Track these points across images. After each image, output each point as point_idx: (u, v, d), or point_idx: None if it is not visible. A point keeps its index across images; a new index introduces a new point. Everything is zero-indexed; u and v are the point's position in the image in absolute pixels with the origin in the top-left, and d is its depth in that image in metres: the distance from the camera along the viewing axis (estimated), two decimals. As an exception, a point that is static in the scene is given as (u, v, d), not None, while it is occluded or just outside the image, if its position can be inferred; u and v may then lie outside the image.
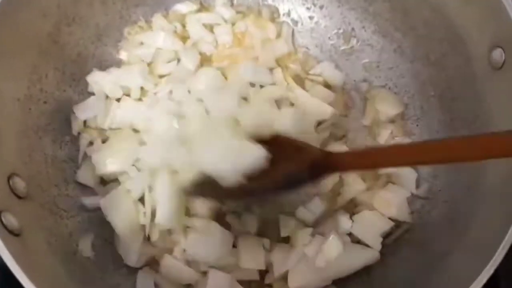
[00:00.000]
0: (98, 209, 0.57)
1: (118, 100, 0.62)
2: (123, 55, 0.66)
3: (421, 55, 0.64)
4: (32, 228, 0.46)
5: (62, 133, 0.60)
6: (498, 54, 0.51)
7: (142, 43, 0.66)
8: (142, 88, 0.63)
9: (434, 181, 0.62)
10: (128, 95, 0.63)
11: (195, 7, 0.68)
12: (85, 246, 0.55)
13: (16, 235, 0.43)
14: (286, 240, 0.60)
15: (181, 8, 0.68)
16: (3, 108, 0.49)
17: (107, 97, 0.62)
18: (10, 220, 0.43)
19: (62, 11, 0.57)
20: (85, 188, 0.59)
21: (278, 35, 0.69)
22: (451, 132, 0.61)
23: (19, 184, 0.48)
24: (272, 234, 0.60)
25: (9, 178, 0.47)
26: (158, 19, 0.67)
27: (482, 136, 0.46)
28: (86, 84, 0.63)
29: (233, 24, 0.69)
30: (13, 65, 0.51)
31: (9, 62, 0.50)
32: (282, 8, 0.72)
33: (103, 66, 0.65)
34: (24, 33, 0.52)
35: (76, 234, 0.55)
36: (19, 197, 0.47)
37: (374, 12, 0.67)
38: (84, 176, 0.59)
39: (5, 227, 0.41)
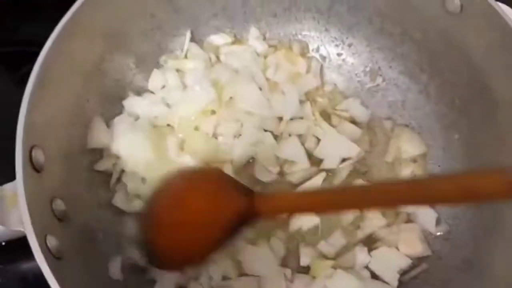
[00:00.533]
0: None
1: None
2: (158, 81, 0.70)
3: (447, 98, 0.66)
4: (70, 251, 0.48)
5: (97, 156, 0.63)
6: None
7: (177, 70, 0.69)
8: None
9: (454, 221, 0.63)
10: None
11: (229, 39, 0.71)
12: (115, 269, 0.56)
13: (58, 258, 0.45)
14: (306, 270, 0.62)
15: (216, 39, 0.72)
16: (51, 133, 0.52)
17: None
18: (54, 243, 0.45)
19: (107, 41, 0.60)
20: (118, 211, 0.62)
21: (308, 70, 0.72)
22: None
23: (60, 207, 0.50)
24: (292, 264, 0.62)
25: (51, 201, 0.49)
26: (193, 48, 0.70)
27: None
28: (122, 108, 0.66)
29: (265, 57, 0.72)
30: (60, 92, 0.54)
31: (57, 89, 0.53)
32: (312, 44, 0.74)
33: (139, 92, 0.68)
34: (73, 62, 0.55)
35: (107, 257, 0.58)
36: (60, 220, 0.50)
37: (402, 54, 0.69)
38: (119, 200, 0.61)
39: (49, 251, 0.43)
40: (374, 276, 0.61)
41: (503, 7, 0.54)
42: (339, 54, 0.74)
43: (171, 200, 0.44)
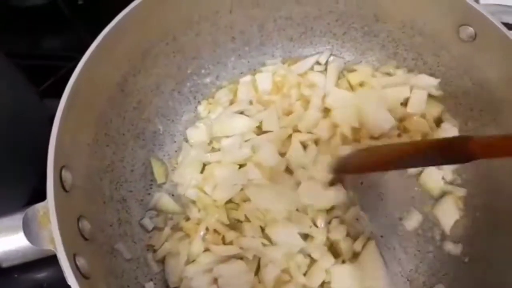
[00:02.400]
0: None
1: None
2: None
3: (460, 120, 0.67)
4: (96, 270, 0.49)
5: (117, 174, 0.64)
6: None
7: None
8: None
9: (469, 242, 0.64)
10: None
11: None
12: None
13: (87, 278, 0.45)
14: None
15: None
16: (77, 153, 0.53)
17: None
18: (82, 263, 0.46)
19: (131, 64, 0.62)
20: (137, 228, 0.63)
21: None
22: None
23: (86, 226, 0.51)
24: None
25: (78, 220, 0.50)
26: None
27: None
28: (143, 129, 0.68)
29: (273, 73, 0.74)
30: (85, 113, 0.55)
31: (84, 110, 0.54)
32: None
33: (159, 114, 0.70)
34: (98, 84, 0.57)
35: (127, 274, 0.58)
36: (85, 239, 0.51)
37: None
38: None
39: (79, 270, 0.44)
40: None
41: None
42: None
43: None
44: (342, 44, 0.74)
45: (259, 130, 0.70)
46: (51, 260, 0.46)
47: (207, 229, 0.63)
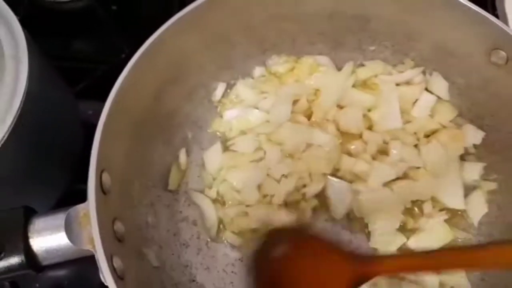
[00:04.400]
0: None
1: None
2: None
3: (487, 141, 0.68)
4: (127, 272, 0.50)
5: (147, 178, 0.65)
6: None
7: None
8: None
9: None
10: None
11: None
12: None
13: (122, 279, 0.47)
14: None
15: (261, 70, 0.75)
16: (115, 158, 0.55)
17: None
18: (118, 264, 0.47)
19: (169, 73, 0.64)
20: (164, 233, 0.64)
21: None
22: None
23: (120, 228, 0.53)
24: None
25: (113, 222, 0.52)
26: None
27: None
28: (172, 135, 0.69)
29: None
30: (125, 119, 0.57)
31: (123, 116, 0.56)
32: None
33: (189, 121, 0.71)
34: (139, 91, 0.58)
35: (153, 277, 0.60)
36: (119, 241, 0.52)
37: (443, 97, 0.72)
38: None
39: (116, 272, 0.45)
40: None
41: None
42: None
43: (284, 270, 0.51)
44: (371, 60, 0.75)
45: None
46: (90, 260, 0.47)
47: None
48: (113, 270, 0.45)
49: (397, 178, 0.66)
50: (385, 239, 0.63)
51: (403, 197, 0.65)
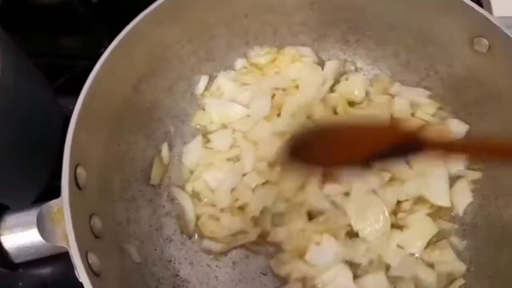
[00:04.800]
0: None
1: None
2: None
3: (472, 131, 0.67)
4: (105, 268, 0.49)
5: (128, 173, 0.64)
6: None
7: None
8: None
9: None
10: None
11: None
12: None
13: (98, 276, 0.46)
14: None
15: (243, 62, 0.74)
16: (91, 151, 0.53)
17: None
18: (94, 260, 0.46)
19: (147, 65, 0.62)
20: (146, 228, 0.63)
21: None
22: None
23: (97, 223, 0.51)
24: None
25: (90, 218, 0.51)
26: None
27: None
28: (154, 129, 0.68)
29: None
30: (101, 112, 0.56)
31: (99, 109, 0.55)
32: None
33: (171, 114, 0.70)
34: (115, 84, 0.57)
35: (134, 273, 0.59)
36: (96, 237, 0.51)
37: (426, 87, 0.71)
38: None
39: (91, 268, 0.44)
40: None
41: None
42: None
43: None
44: (354, 51, 0.75)
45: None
46: (56, 256, 0.46)
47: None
48: (88, 266, 0.44)
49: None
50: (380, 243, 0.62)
51: (389, 200, 0.64)
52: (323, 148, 0.50)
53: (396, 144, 0.47)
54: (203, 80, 0.72)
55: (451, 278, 0.62)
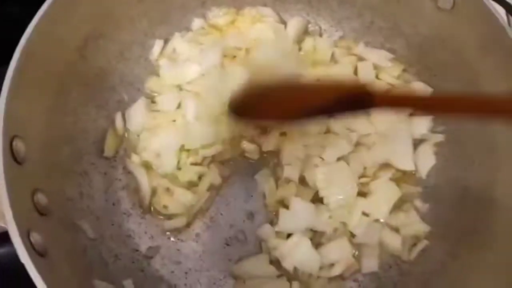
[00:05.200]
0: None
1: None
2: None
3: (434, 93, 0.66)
4: (53, 247, 0.46)
5: (78, 146, 0.60)
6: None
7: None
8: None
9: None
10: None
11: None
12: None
13: (42, 255, 0.42)
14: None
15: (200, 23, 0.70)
16: (32, 123, 0.49)
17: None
18: (37, 239, 0.42)
19: (92, 26, 0.57)
20: (101, 203, 0.60)
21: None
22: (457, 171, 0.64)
23: (42, 200, 0.48)
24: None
25: (33, 194, 0.47)
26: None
27: None
28: (106, 99, 0.64)
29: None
30: (41, 78, 0.51)
31: (38, 75, 0.50)
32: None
33: (124, 81, 0.65)
34: (55, 46, 0.52)
35: (90, 249, 0.56)
36: (42, 214, 0.47)
37: (391, 49, 0.69)
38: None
39: (33, 247, 0.41)
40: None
41: (495, 5, 0.55)
42: (327, 47, 0.73)
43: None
44: (317, 12, 0.71)
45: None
46: (6, 236, 0.43)
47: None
48: (30, 246, 0.41)
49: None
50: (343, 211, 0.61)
51: (356, 167, 0.63)
52: (269, 103, 0.49)
53: (343, 98, 0.46)
54: (158, 44, 0.68)
55: (415, 240, 0.63)
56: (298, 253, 0.59)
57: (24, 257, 0.39)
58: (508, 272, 0.48)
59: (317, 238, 0.61)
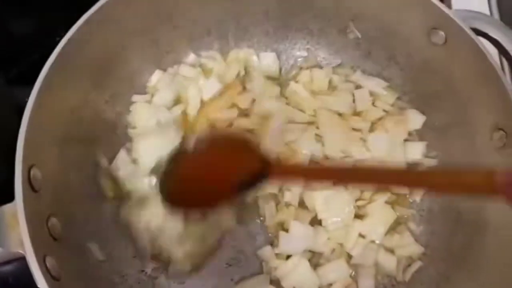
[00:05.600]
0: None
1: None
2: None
3: (427, 120, 0.69)
4: (65, 270, 0.48)
5: (88, 170, 0.62)
6: (500, 136, 0.57)
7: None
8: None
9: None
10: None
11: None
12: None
13: (57, 279, 0.45)
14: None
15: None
16: (47, 151, 0.52)
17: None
18: (52, 264, 0.45)
19: (106, 56, 0.61)
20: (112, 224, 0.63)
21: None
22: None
23: (56, 225, 0.50)
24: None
25: (47, 220, 0.49)
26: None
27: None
28: (115, 123, 0.67)
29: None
30: (58, 108, 0.54)
31: (54, 104, 0.53)
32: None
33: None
34: (71, 79, 0.55)
35: (98, 271, 0.58)
36: (55, 239, 0.50)
37: (386, 77, 0.73)
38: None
39: (49, 272, 0.44)
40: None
41: (484, 41, 0.58)
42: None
43: (197, 156, 0.51)
44: (317, 40, 0.75)
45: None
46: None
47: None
48: (46, 271, 0.43)
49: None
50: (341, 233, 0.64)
51: (353, 191, 0.65)
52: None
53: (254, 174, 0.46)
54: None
55: (410, 261, 0.65)
56: (297, 274, 0.61)
57: (41, 283, 0.42)
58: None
59: (315, 259, 0.64)
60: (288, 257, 0.63)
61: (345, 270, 0.63)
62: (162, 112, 0.67)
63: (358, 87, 0.72)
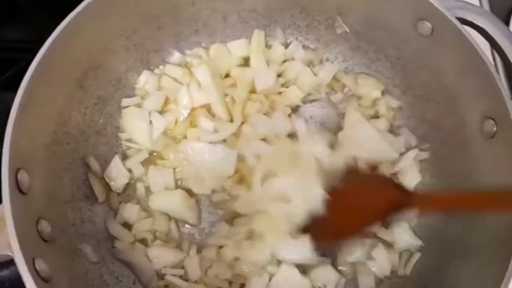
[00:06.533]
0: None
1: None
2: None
3: (418, 113, 0.70)
4: (56, 272, 0.48)
5: (79, 172, 0.63)
6: (489, 125, 0.57)
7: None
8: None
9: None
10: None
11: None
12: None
13: (47, 281, 0.45)
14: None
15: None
16: (35, 153, 0.51)
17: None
18: (42, 266, 0.45)
19: (90, 59, 0.60)
20: (101, 226, 0.62)
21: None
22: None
23: (46, 227, 0.50)
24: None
25: (37, 222, 0.49)
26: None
27: None
28: (104, 125, 0.66)
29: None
30: (44, 112, 0.54)
31: (40, 108, 0.53)
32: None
33: (121, 108, 0.68)
34: (56, 80, 0.55)
35: (91, 273, 0.58)
36: (45, 241, 0.49)
37: (376, 70, 0.73)
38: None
39: (38, 274, 0.43)
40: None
41: (470, 30, 0.58)
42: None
43: (345, 198, 0.56)
44: (306, 36, 0.74)
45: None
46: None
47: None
48: (35, 273, 0.43)
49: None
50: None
51: None
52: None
53: (392, 207, 0.52)
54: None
55: (409, 255, 0.65)
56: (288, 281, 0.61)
57: (30, 284, 0.42)
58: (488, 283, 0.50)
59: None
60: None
61: (334, 273, 0.63)
62: (154, 117, 0.67)
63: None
